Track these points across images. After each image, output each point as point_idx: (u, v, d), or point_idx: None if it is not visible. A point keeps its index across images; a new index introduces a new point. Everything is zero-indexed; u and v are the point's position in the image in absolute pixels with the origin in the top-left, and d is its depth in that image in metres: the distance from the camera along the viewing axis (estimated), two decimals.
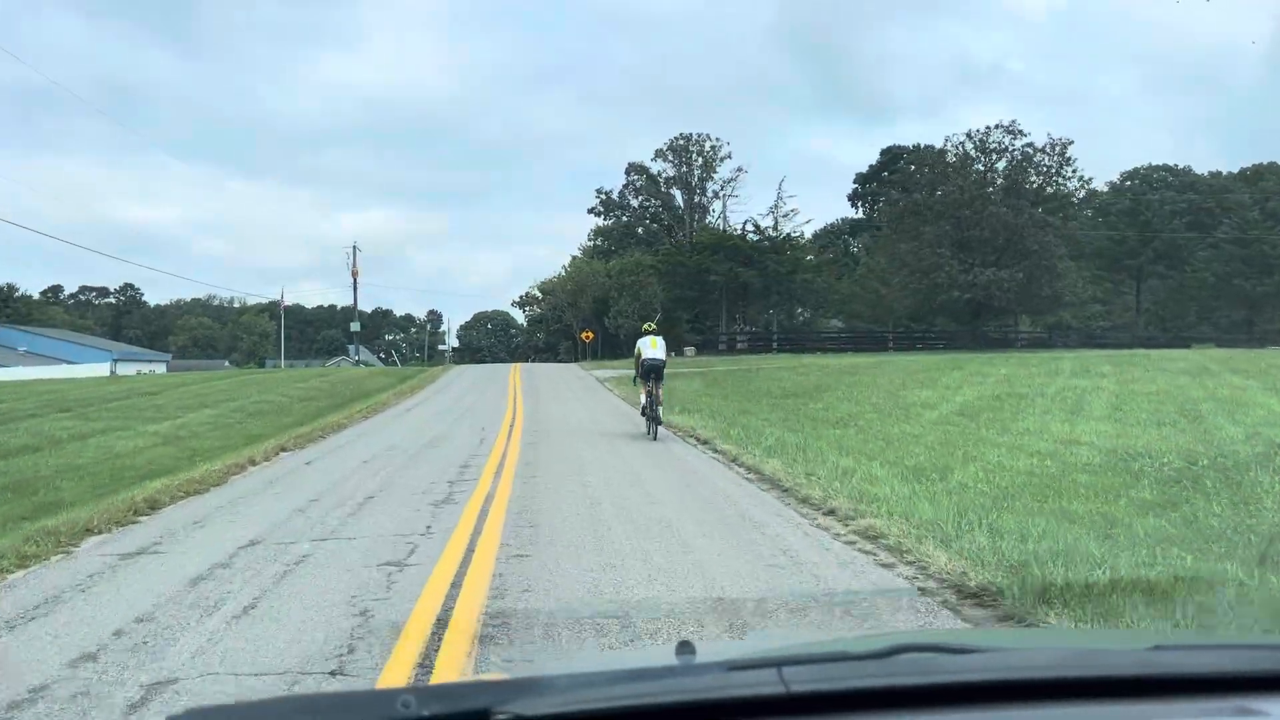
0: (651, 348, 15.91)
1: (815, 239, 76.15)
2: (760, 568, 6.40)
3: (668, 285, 64.09)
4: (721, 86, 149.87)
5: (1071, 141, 55.79)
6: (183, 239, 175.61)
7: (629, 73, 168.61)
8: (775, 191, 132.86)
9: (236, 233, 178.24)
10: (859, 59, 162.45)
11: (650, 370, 15.62)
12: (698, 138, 75.84)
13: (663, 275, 64.69)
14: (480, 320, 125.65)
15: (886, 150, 79.06)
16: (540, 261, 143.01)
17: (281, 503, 9.55)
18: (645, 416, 15.79)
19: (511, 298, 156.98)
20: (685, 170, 77.01)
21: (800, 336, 64.33)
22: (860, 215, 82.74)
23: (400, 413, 22.99)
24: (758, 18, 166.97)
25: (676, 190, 78.32)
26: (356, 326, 74.73)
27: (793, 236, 67.42)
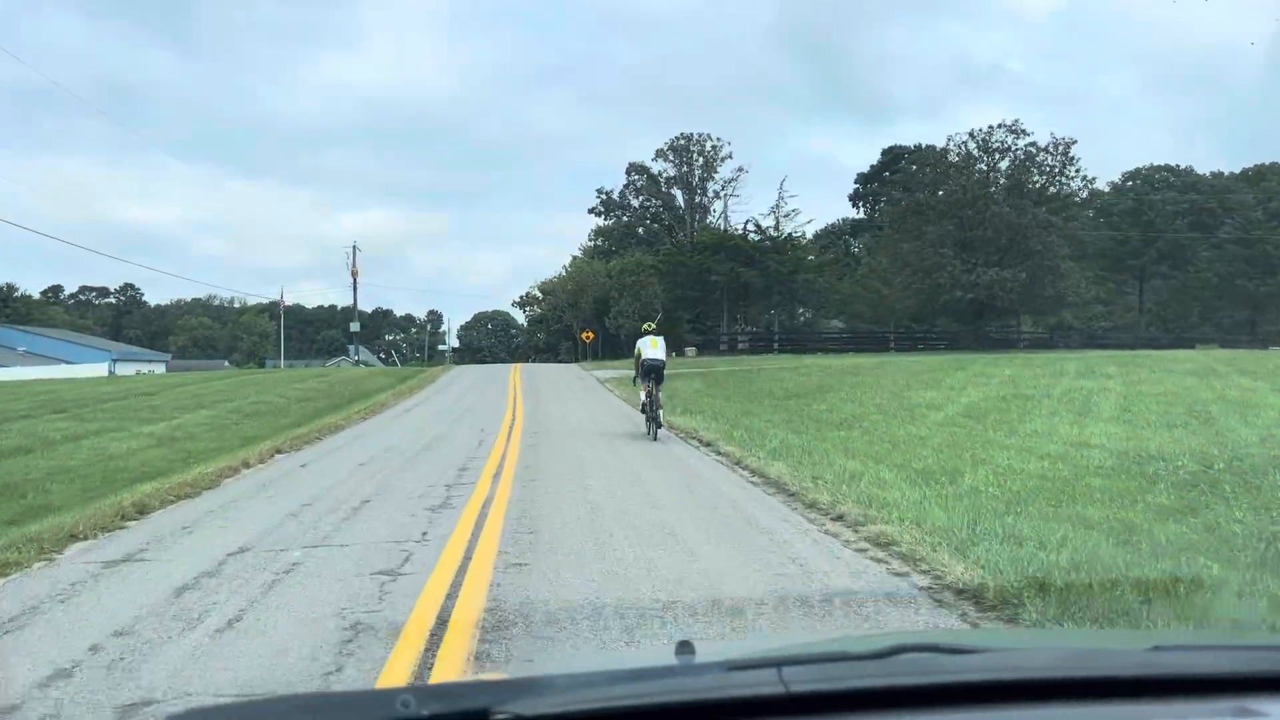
0: (652, 348, 15.83)
1: (816, 239, 75.88)
2: (770, 577, 6.14)
3: (669, 285, 63.79)
4: (721, 86, 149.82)
5: (1075, 141, 55.58)
6: (183, 239, 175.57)
7: (629, 73, 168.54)
8: (775, 192, 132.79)
9: (236, 233, 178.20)
10: (859, 59, 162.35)
11: (650, 370, 15.54)
12: (698, 137, 75.63)
13: (663, 275, 64.40)
14: (480, 320, 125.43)
15: (888, 150, 78.82)
16: (540, 262, 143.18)
17: (274, 507, 9.30)
18: (645, 417, 15.73)
19: (512, 298, 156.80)
20: (686, 170, 76.79)
21: (801, 337, 64.04)
22: (861, 215, 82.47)
23: (399, 413, 22.73)
24: (758, 18, 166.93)
25: (677, 190, 78.12)
26: (356, 327, 74.44)
27: (794, 236, 67.09)
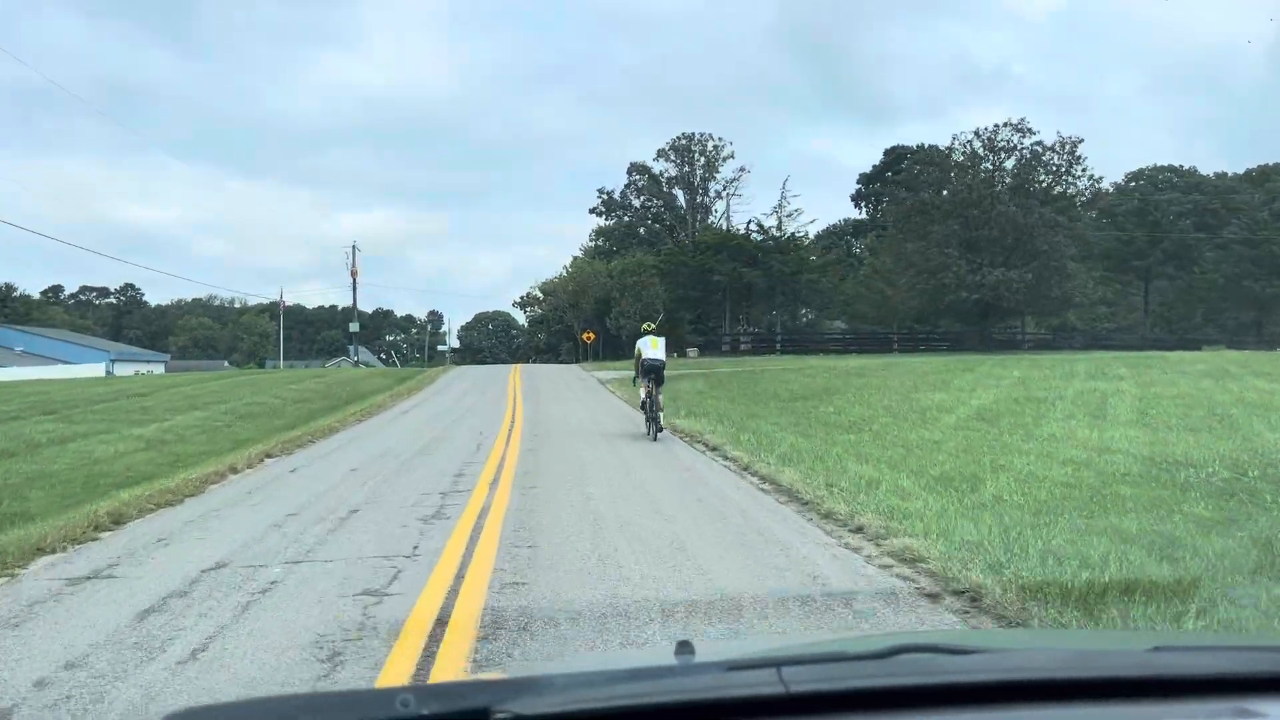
0: (652, 348, 15.75)
1: (817, 240, 75.31)
2: (791, 601, 5.61)
3: (670, 286, 63.25)
4: (722, 87, 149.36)
5: (1081, 140, 54.93)
6: (183, 239, 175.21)
7: (629, 73, 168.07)
8: (776, 192, 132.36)
9: (236, 233, 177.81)
10: (859, 59, 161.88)
11: (650, 371, 15.45)
12: (700, 137, 75.17)
13: (665, 276, 63.85)
14: (481, 321, 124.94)
15: (890, 150, 78.30)
16: (541, 262, 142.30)
17: (258, 516, 8.78)
18: (645, 417, 15.68)
19: (512, 298, 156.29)
20: (688, 170, 76.33)
21: (804, 338, 63.49)
22: (863, 216, 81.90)
23: (396, 415, 22.22)
24: (758, 18, 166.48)
25: (679, 190, 77.64)
26: (355, 327, 73.89)
27: (797, 236, 66.50)
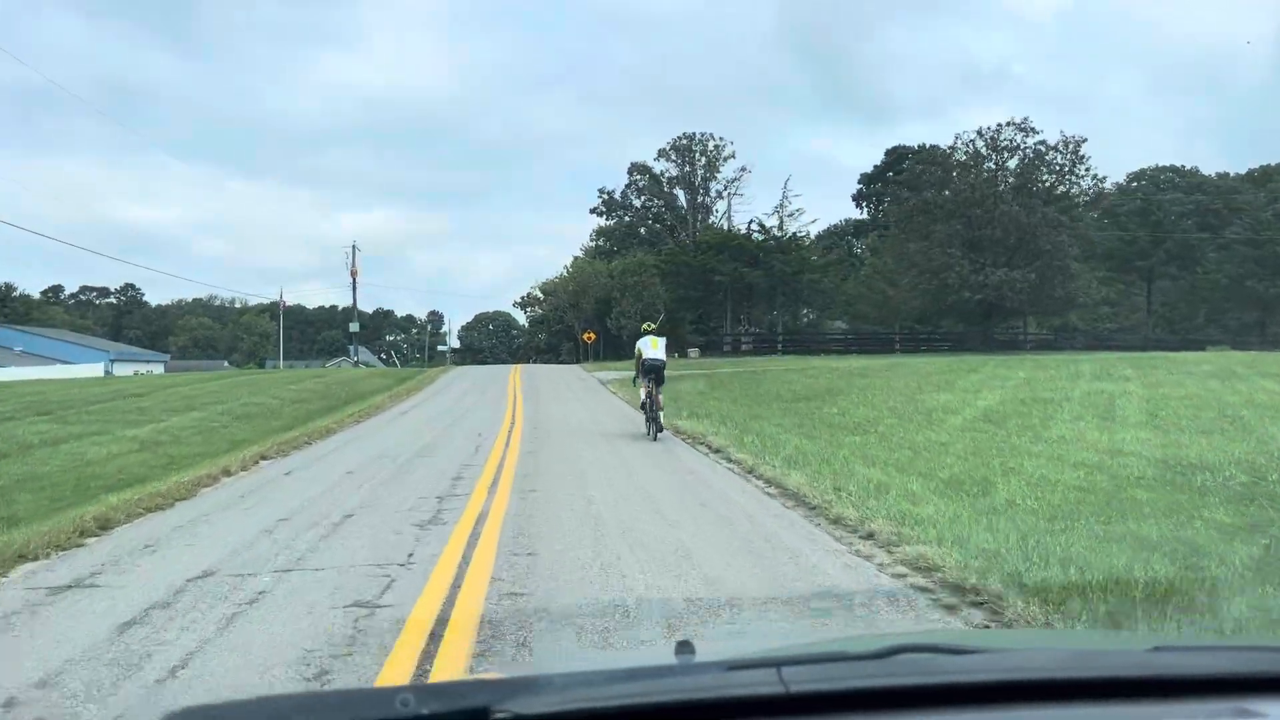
0: (652, 348, 15.74)
1: (818, 240, 75.03)
2: (805, 612, 5.35)
3: (671, 286, 62.98)
4: (722, 87, 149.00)
5: (1085, 139, 54.57)
6: (183, 239, 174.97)
7: (629, 73, 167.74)
8: (776, 192, 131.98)
9: (237, 233, 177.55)
10: (859, 60, 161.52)
11: (651, 371, 15.42)
12: (700, 137, 74.88)
13: (666, 275, 63.58)
14: (481, 321, 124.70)
15: (891, 150, 78.00)
16: (541, 262, 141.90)
17: (249, 521, 8.52)
18: (645, 417, 15.67)
19: (513, 298, 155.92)
20: (689, 170, 76.05)
21: (805, 338, 63.22)
22: (864, 216, 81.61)
23: (394, 416, 21.97)
24: (758, 18, 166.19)
25: (680, 190, 77.37)
26: (355, 327, 73.62)
27: (798, 236, 66.21)
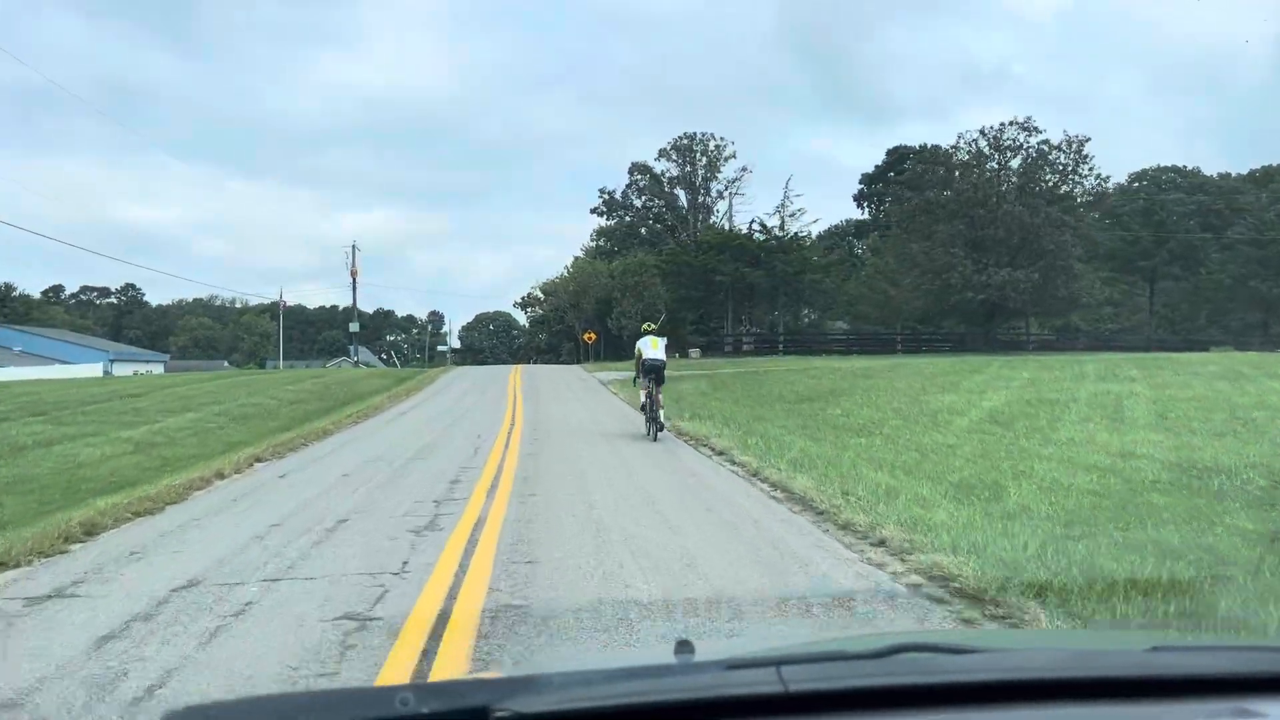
0: (652, 348, 15.76)
1: (819, 240, 74.77)
2: (817, 624, 5.10)
3: (672, 286, 62.71)
4: (722, 87, 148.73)
5: (1088, 139, 54.26)
6: (183, 239, 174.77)
7: (629, 73, 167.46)
8: (776, 192, 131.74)
9: (237, 233, 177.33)
10: (860, 60, 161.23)
11: (651, 371, 15.42)
12: (701, 137, 74.64)
13: (667, 276, 63.31)
14: (482, 321, 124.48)
15: (893, 150, 77.77)
16: (541, 262, 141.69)
17: (240, 527, 8.26)
18: (646, 418, 15.67)
19: (513, 299, 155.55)
20: (689, 170, 75.80)
21: (806, 338, 62.95)
22: (865, 216, 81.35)
23: (393, 417, 21.72)
24: (758, 18, 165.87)
25: (680, 190, 77.11)
26: (355, 327, 73.35)
27: (800, 236, 65.94)
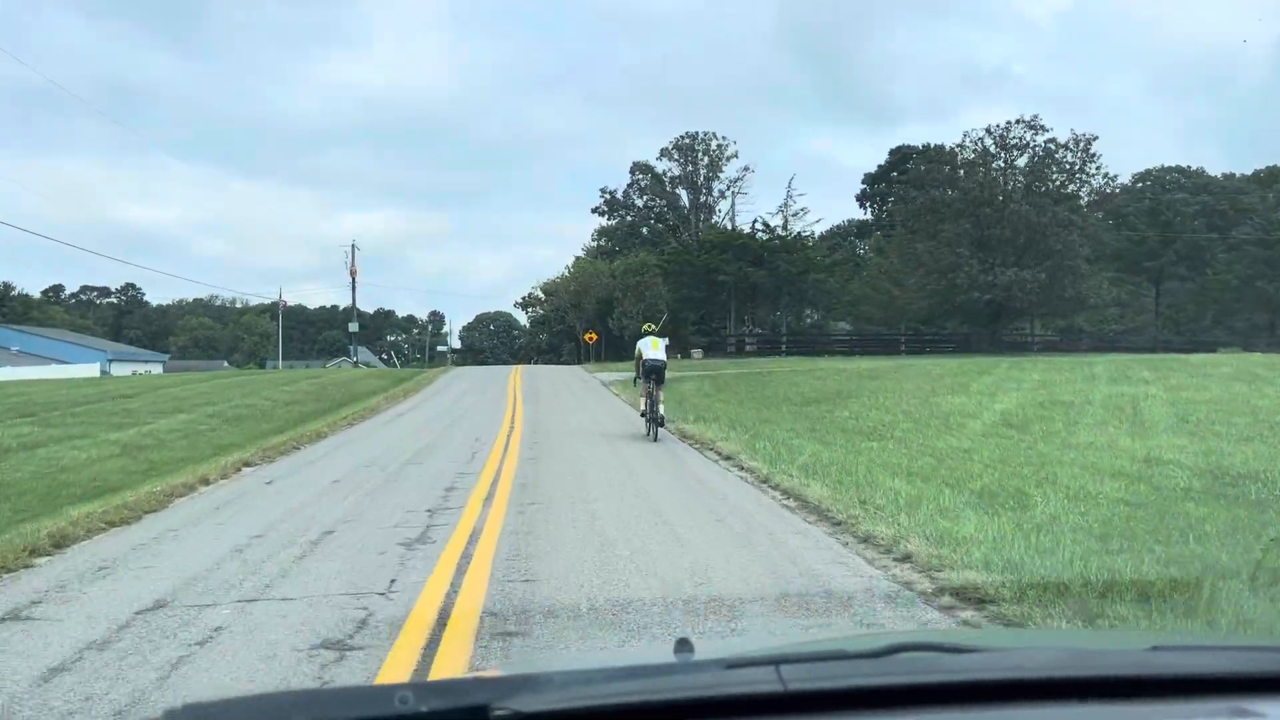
0: (653, 348, 15.79)
1: (821, 240, 74.29)
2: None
3: (674, 286, 62.19)
4: (722, 87, 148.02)
5: (1096, 137, 53.69)
6: (183, 239, 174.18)
7: (629, 73, 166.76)
8: (776, 192, 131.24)
9: (237, 233, 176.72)
10: (860, 60, 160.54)
11: (651, 371, 15.45)
12: (703, 136, 74.17)
13: (669, 275, 62.80)
14: (482, 321, 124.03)
15: (895, 150, 77.35)
16: (542, 262, 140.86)
17: (219, 539, 7.75)
18: (646, 418, 15.70)
19: (514, 299, 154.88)
20: (691, 169, 75.34)
21: (809, 339, 62.43)
22: (868, 216, 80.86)
23: (390, 419, 21.22)
24: (758, 18, 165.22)
25: (682, 190, 76.64)
26: (355, 327, 72.90)
27: (803, 236, 65.40)
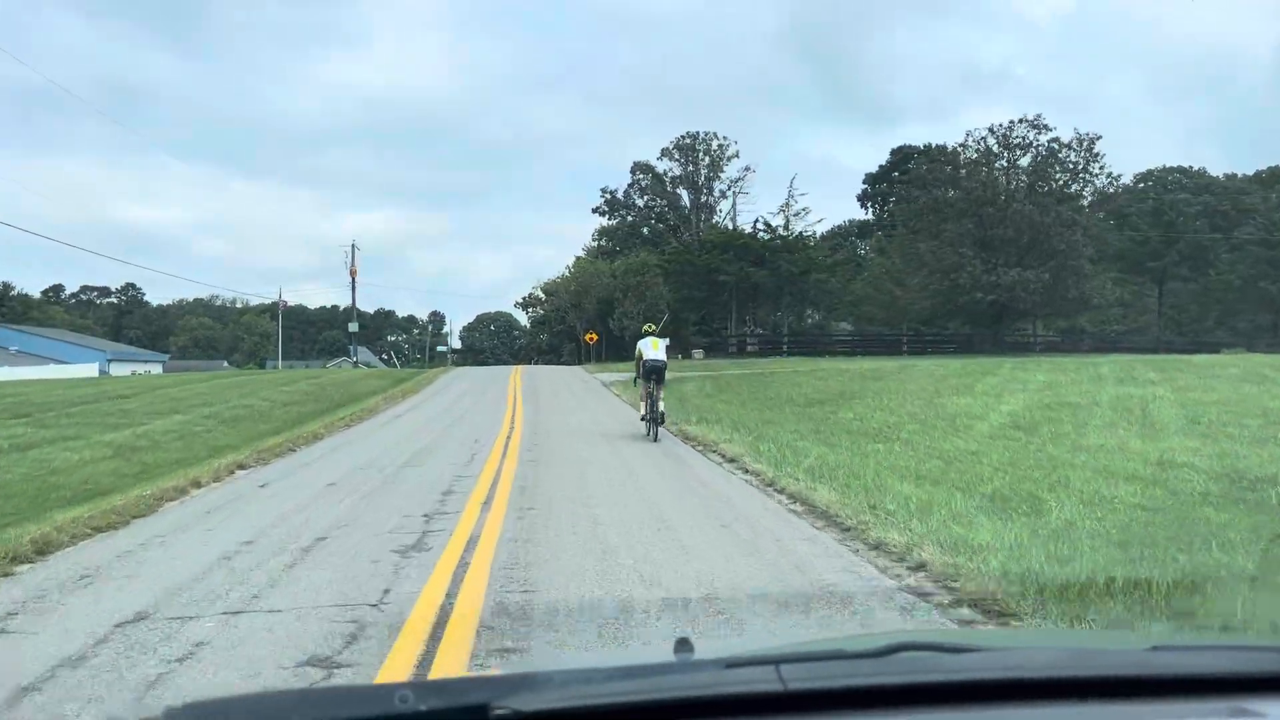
0: (653, 349, 15.84)
1: (822, 241, 74.03)
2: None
3: (675, 286, 61.92)
4: (722, 87, 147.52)
5: (1099, 136, 53.42)
6: (183, 239, 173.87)
7: (629, 73, 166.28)
8: (776, 192, 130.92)
9: (237, 233, 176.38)
10: (860, 61, 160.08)
11: (652, 372, 15.52)
12: (704, 136, 73.95)
13: (670, 275, 62.54)
14: (483, 321, 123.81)
15: (897, 150, 77.11)
16: (542, 262, 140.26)
17: (208, 545, 7.49)
18: (646, 418, 15.74)
19: (514, 299, 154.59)
20: (692, 169, 75.11)
21: (810, 339, 62.16)
22: (869, 217, 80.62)
23: (388, 420, 20.97)
24: (758, 18, 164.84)
25: (683, 190, 76.41)
26: (355, 327, 72.64)
27: (805, 235, 65.10)
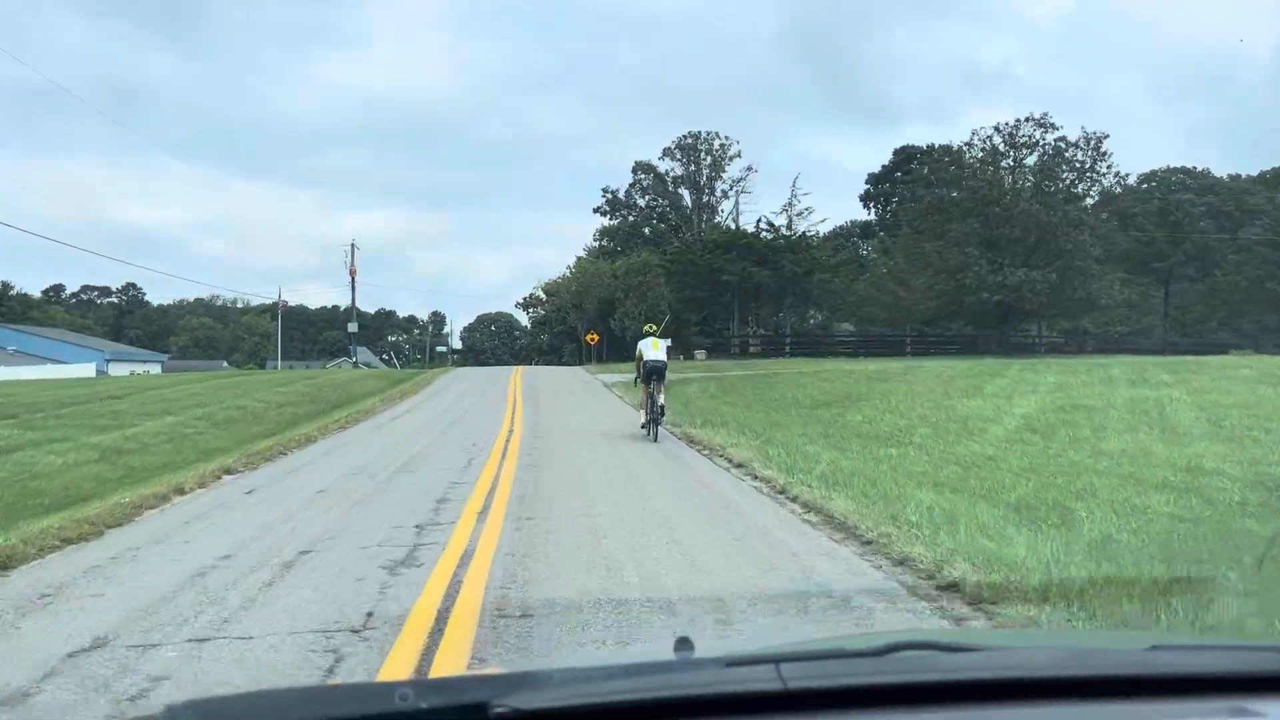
0: (653, 349, 15.84)
1: (824, 241, 73.53)
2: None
3: (676, 286, 61.41)
4: (722, 87, 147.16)
5: (1106, 135, 52.89)
6: (183, 239, 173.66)
7: (630, 73, 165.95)
8: (777, 192, 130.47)
9: (237, 233, 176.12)
10: (860, 61, 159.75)
11: (652, 372, 15.52)
12: (706, 136, 73.52)
13: (671, 275, 62.03)
14: (483, 322, 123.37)
15: (900, 150, 76.67)
16: (542, 262, 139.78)
17: (183, 560, 6.98)
18: (647, 419, 15.76)
19: (515, 299, 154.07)
20: (694, 169, 74.68)
21: (813, 340, 61.65)
22: (871, 217, 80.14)
23: (384, 422, 20.47)
24: (758, 18, 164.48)
25: (684, 189, 75.97)
26: (354, 327, 72.18)
27: (808, 235, 64.56)
